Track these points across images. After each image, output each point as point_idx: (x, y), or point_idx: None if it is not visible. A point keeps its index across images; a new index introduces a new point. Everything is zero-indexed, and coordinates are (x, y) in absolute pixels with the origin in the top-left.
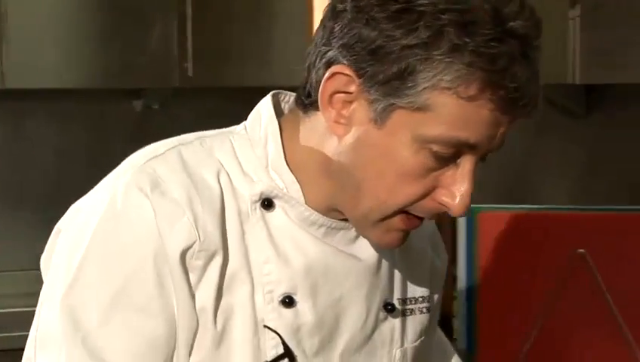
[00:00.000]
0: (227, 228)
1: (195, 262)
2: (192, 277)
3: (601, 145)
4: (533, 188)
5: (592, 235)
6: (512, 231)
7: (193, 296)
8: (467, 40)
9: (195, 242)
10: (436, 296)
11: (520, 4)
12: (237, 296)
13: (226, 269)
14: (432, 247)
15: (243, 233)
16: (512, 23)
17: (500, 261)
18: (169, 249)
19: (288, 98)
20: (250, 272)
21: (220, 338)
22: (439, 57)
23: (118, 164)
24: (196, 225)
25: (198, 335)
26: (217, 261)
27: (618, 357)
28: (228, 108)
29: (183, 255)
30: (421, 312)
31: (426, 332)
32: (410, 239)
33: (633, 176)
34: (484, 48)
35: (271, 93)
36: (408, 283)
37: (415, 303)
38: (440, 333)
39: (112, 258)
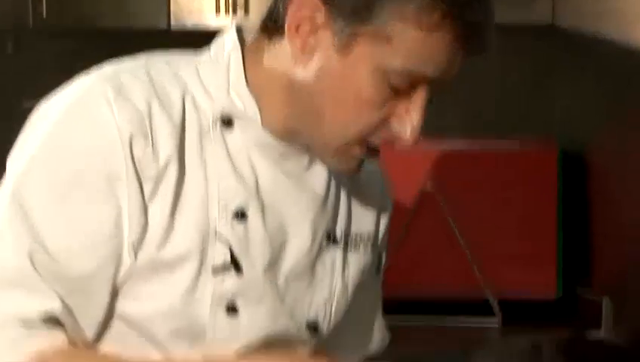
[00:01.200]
0: (185, 143)
1: (148, 172)
2: (146, 188)
3: None
4: None
5: (442, 170)
6: None
7: (145, 206)
8: None
9: (148, 148)
10: (381, 238)
11: None
12: (191, 208)
13: (182, 183)
14: (381, 191)
15: (202, 148)
16: None
17: None
18: (125, 150)
19: (251, 29)
20: (206, 186)
21: (165, 242)
22: None
23: None
24: (152, 134)
25: (146, 237)
26: (171, 175)
27: (461, 275)
28: (84, 50)
29: (139, 160)
30: (365, 250)
31: (368, 273)
32: (360, 178)
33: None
34: None
35: (234, 23)
36: (355, 219)
37: (360, 239)
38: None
39: (65, 153)
